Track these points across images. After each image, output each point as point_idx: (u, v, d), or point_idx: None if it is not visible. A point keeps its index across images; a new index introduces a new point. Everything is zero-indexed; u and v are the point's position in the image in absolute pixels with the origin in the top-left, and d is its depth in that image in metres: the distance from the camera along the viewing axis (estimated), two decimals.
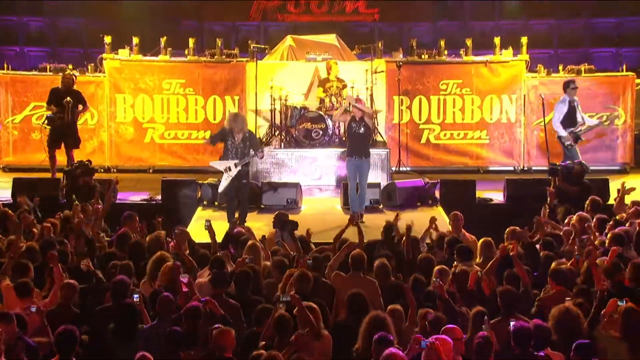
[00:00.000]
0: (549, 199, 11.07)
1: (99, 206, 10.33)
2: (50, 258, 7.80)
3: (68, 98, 13.56)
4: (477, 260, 8.70)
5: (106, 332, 6.93)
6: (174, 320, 6.86)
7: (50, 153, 13.78)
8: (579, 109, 13.39)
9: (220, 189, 11.99)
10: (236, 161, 11.63)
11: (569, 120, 13.27)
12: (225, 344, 6.35)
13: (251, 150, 11.72)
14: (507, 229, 9.25)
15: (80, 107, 13.79)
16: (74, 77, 14.05)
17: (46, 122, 13.82)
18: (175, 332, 6.50)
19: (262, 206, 12.93)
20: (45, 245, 8.62)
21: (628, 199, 10.85)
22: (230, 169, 11.66)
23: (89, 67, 15.55)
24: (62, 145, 13.77)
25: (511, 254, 7.95)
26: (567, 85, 13.51)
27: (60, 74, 14.33)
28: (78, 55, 16.32)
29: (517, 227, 9.26)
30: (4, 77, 15.50)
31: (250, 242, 8.92)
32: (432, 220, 9.92)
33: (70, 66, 15.31)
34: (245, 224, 11.16)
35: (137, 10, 16.64)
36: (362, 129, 12.07)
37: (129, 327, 6.90)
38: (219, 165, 11.83)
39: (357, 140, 12.12)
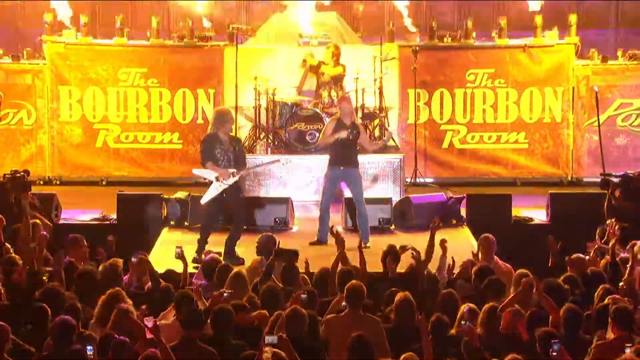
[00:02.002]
0: (606, 220, 11.08)
1: (44, 232, 10.32)
2: None
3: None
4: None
5: None
6: None
7: None
8: None
9: (204, 200, 11.90)
10: (234, 170, 11.70)
11: None
12: None
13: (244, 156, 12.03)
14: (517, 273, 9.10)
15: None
16: None
17: None
18: None
19: (244, 227, 12.90)
20: None
21: None
22: (226, 178, 11.65)
23: (24, 52, 15.59)
24: None
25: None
26: None
27: None
28: (10, 37, 16.31)
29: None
30: None
31: (235, 271, 8.94)
32: (443, 242, 9.79)
33: (0, 51, 15.33)
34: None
35: None
36: (352, 134, 12.16)
37: None
38: (208, 173, 11.80)
39: (344, 147, 12.19)
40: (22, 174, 12.85)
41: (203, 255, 10.92)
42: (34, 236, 10.20)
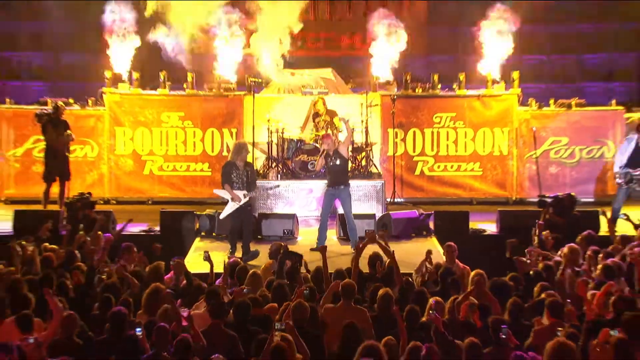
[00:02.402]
0: (537, 231, 11.06)
1: (102, 240, 10.33)
2: (45, 293, 7.75)
3: (69, 131, 13.88)
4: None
5: None
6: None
7: (47, 186, 13.90)
8: None
9: (222, 215, 12.05)
10: (245, 192, 11.78)
11: (634, 160, 12.93)
12: None
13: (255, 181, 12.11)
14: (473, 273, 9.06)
15: (69, 132, 13.92)
16: (62, 107, 14.17)
17: (35, 117, 13.97)
18: None
19: (259, 237, 12.89)
20: (44, 278, 8.61)
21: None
22: (238, 198, 11.79)
23: (89, 101, 15.59)
24: (57, 179, 13.90)
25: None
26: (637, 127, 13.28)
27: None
28: (78, 89, 16.34)
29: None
30: (6, 112, 15.57)
31: (251, 271, 8.93)
32: (428, 253, 9.87)
33: (70, 100, 15.37)
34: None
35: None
36: (338, 160, 12.19)
37: (131, 357, 6.86)
38: (225, 194, 11.89)
39: (333, 172, 12.26)
40: (87, 195, 12.92)
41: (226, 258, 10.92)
42: (98, 244, 10.23)
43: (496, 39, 15.35)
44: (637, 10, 18.18)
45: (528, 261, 9.80)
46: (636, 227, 10.76)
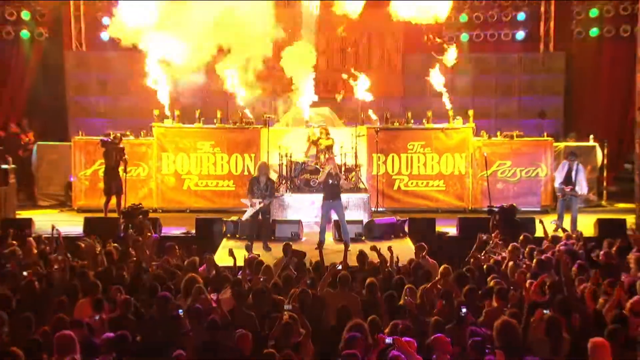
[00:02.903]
0: (492, 233, 11.08)
1: (151, 240, 10.35)
2: (111, 289, 7.80)
3: (125, 156, 14.03)
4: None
5: (156, 335, 6.85)
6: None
7: (106, 199, 13.99)
8: (578, 174, 13.13)
9: (244, 218, 12.50)
10: (260, 200, 12.02)
11: (566, 179, 13.20)
12: (245, 345, 6.30)
13: (273, 192, 12.44)
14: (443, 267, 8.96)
15: (125, 157, 14.07)
16: (120, 137, 14.31)
17: (100, 142, 14.14)
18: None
19: (273, 237, 12.89)
20: (106, 269, 8.66)
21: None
22: (255, 204, 12.10)
23: (142, 132, 15.63)
24: (114, 193, 13.98)
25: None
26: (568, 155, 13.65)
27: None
28: (133, 124, 16.38)
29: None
30: (79, 142, 15.56)
31: (265, 264, 8.91)
32: (390, 250, 9.53)
33: (127, 132, 15.39)
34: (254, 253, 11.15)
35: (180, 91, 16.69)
36: (335, 181, 12.36)
37: (173, 332, 6.87)
38: (247, 202, 12.30)
39: (331, 189, 12.41)
40: (140, 205, 12.93)
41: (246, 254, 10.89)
42: (147, 243, 10.24)
43: (454, 86, 15.44)
44: (561, 64, 18.34)
45: (482, 257, 9.81)
46: (546, 235, 10.73)
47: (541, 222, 11.16)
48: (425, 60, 16.35)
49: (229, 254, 9.43)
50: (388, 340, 5.84)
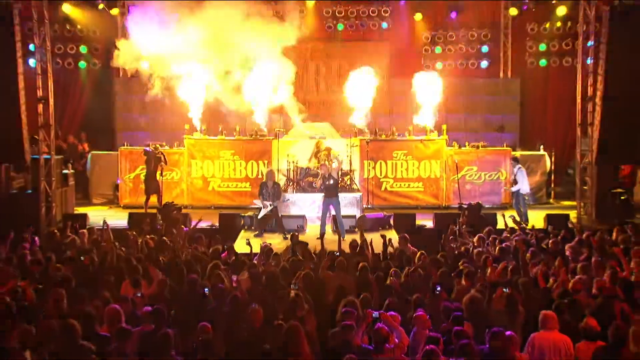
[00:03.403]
0: (462, 226, 11.06)
1: (183, 232, 10.35)
2: (149, 266, 7.75)
3: (163, 162, 14.13)
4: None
5: (187, 310, 6.83)
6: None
7: (146, 197, 14.05)
8: (517, 175, 13.75)
9: (260, 216, 12.60)
10: (271, 202, 12.17)
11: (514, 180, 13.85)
12: (257, 317, 6.29)
13: (279, 194, 12.48)
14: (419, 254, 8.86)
15: (163, 163, 14.15)
16: (158, 147, 14.41)
17: (144, 152, 14.21)
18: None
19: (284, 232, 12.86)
20: (146, 256, 8.66)
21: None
22: (267, 206, 12.29)
23: (175, 143, 15.58)
24: (153, 193, 14.04)
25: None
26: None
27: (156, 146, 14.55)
28: (169, 136, 16.38)
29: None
30: (125, 151, 15.54)
31: (274, 251, 8.91)
32: (383, 237, 9.64)
33: (164, 143, 15.37)
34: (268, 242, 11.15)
35: (205, 109, 16.65)
36: (331, 181, 12.37)
37: (201, 307, 6.85)
38: (259, 203, 12.40)
39: (329, 188, 12.42)
40: (173, 203, 12.92)
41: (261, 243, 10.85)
42: (180, 234, 10.23)
43: (431, 105, 15.43)
44: (517, 88, 18.36)
45: (453, 245, 9.80)
46: (506, 227, 10.71)
47: (503, 216, 11.16)
48: (407, 84, 16.33)
49: (246, 243, 9.50)
50: (375, 314, 5.83)
